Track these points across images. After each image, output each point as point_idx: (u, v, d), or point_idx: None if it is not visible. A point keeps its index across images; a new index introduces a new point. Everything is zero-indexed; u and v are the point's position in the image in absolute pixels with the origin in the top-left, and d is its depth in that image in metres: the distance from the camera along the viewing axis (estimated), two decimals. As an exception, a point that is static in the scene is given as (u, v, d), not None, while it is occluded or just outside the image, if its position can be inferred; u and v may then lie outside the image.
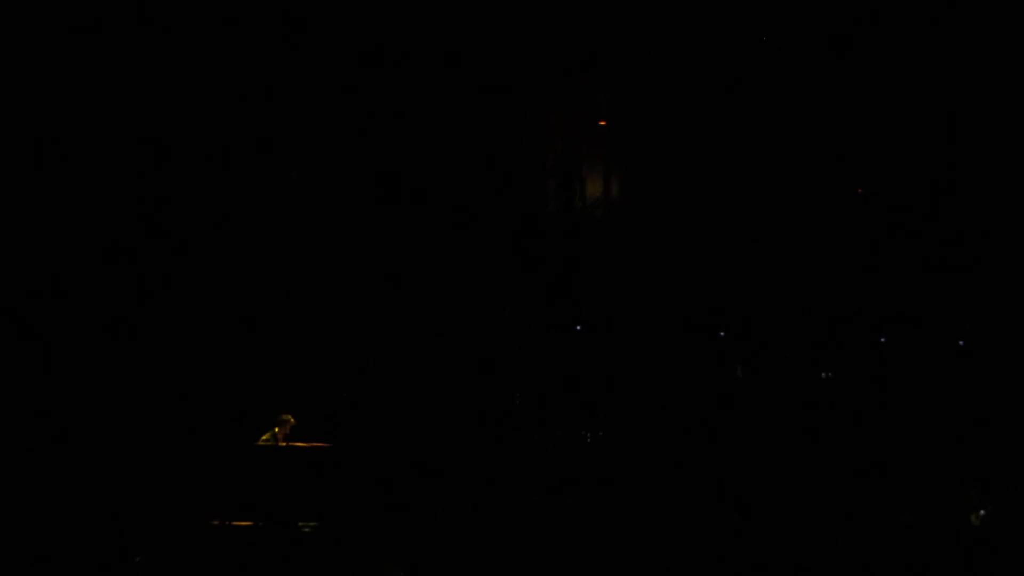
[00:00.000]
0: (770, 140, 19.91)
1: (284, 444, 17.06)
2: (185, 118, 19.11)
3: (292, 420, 17.41)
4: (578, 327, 19.73)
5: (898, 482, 17.82)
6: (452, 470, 18.30)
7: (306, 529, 16.26)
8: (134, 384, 18.55)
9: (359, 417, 18.91)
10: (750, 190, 19.85)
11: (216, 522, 16.14)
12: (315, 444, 17.05)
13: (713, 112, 19.94)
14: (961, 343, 19.50)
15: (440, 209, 19.77)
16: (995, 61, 19.91)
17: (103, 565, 15.28)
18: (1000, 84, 19.99)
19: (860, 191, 19.77)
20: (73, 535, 15.79)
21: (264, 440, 17.33)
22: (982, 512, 16.67)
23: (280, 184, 19.58)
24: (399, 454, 18.40)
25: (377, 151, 19.78)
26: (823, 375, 19.43)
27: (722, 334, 19.45)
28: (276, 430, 17.34)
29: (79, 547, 15.53)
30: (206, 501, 16.46)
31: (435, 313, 19.60)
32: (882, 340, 19.38)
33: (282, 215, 19.62)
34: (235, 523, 16.14)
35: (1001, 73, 19.93)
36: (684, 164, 20.01)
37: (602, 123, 20.39)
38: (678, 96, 20.03)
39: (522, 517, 17.13)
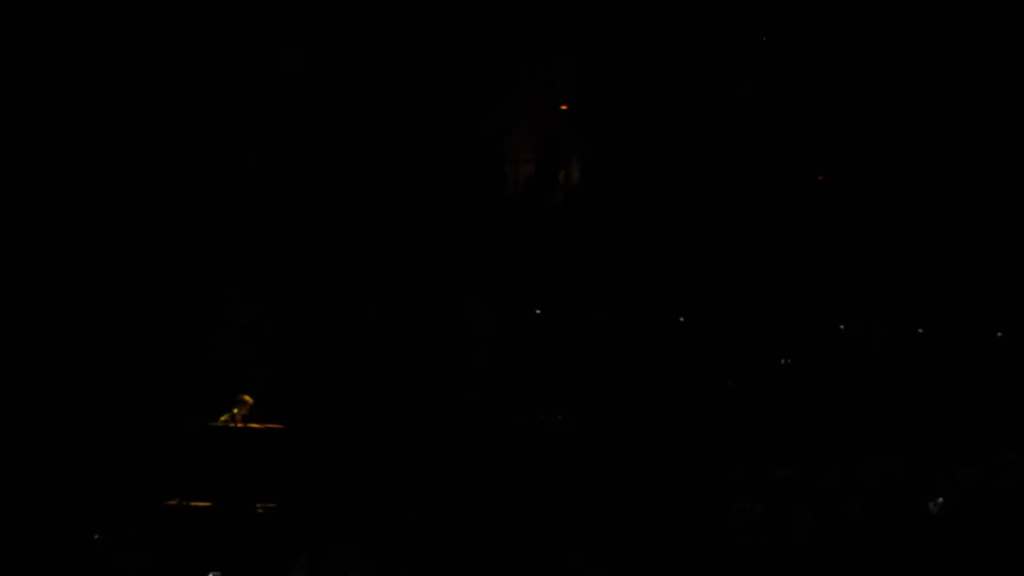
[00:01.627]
0: (737, 125, 20.10)
1: (241, 425, 17.01)
2: (154, 105, 19.24)
3: (250, 401, 17.33)
4: (537, 311, 19.84)
5: (856, 470, 18.03)
6: (411, 455, 18.48)
7: (261, 510, 16.28)
8: (90, 364, 18.55)
9: (317, 399, 19.01)
10: (715, 176, 19.99)
11: (173, 502, 16.19)
12: (271, 425, 17.02)
13: (678, 97, 20.08)
14: (921, 331, 19.64)
15: (403, 195, 19.84)
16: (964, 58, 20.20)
17: (63, 544, 15.40)
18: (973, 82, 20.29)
19: (821, 178, 19.86)
20: (31, 516, 15.93)
21: (222, 421, 17.22)
22: (940, 500, 16.87)
23: (241, 165, 19.59)
24: (356, 437, 18.62)
25: (341, 138, 19.87)
26: (782, 361, 19.57)
27: (681, 319, 19.59)
28: (235, 411, 17.28)
29: (37, 527, 15.65)
30: (164, 481, 16.51)
31: (398, 297, 19.69)
32: (841, 327, 19.51)
33: (243, 197, 19.67)
34: (192, 503, 16.17)
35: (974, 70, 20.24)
36: (647, 150, 20.11)
37: (564, 107, 20.51)
38: (642, 81, 20.16)
39: (481, 502, 17.36)
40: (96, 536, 15.55)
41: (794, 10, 20.15)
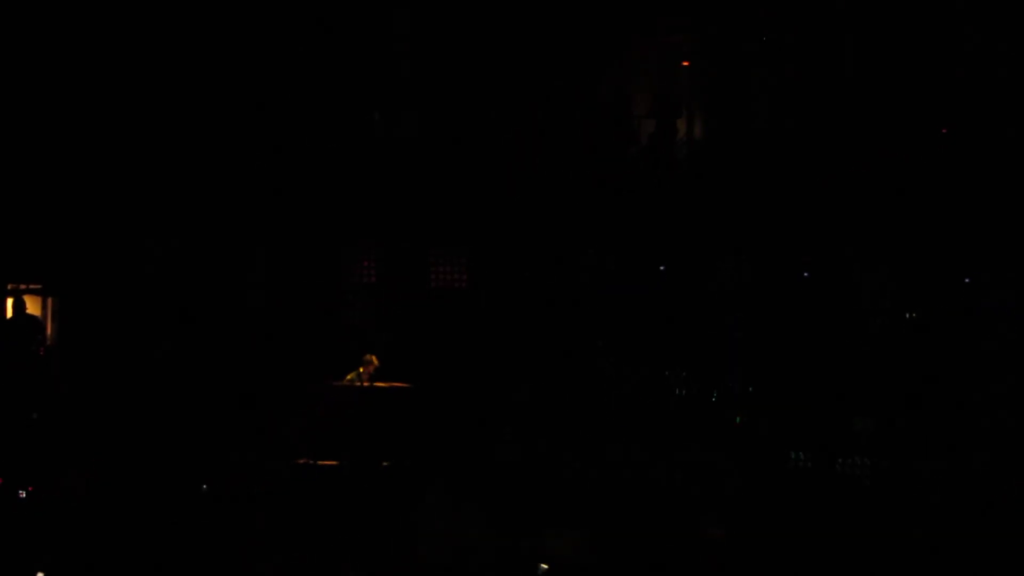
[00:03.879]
0: (860, 77, 19.39)
1: (367, 384, 17.63)
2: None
3: (376, 361, 17.95)
4: (661, 267, 19.87)
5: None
6: (533, 412, 18.67)
7: (386, 467, 16.93)
8: (222, 325, 19.38)
9: (441, 358, 19.43)
10: (837, 131, 19.39)
11: (303, 460, 16.92)
12: (396, 384, 17.64)
13: (798, 53, 19.66)
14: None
15: (522, 153, 20.08)
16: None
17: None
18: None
19: (944, 131, 19.47)
20: (160, 472, 16.58)
21: (348, 379, 17.93)
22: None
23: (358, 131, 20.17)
24: (480, 395, 18.95)
25: (459, 94, 20.23)
26: (907, 315, 19.40)
27: (806, 274, 19.34)
28: (360, 370, 17.97)
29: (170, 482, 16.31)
30: (293, 440, 17.20)
31: (516, 254, 20.00)
32: (966, 280, 19.13)
33: (364, 164, 20.15)
34: (321, 462, 16.86)
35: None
36: (768, 106, 19.80)
37: (685, 63, 20.43)
38: (762, 36, 19.85)
39: (602, 461, 17.42)
40: (204, 486, 16.20)
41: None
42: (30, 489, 15.65)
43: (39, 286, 19.79)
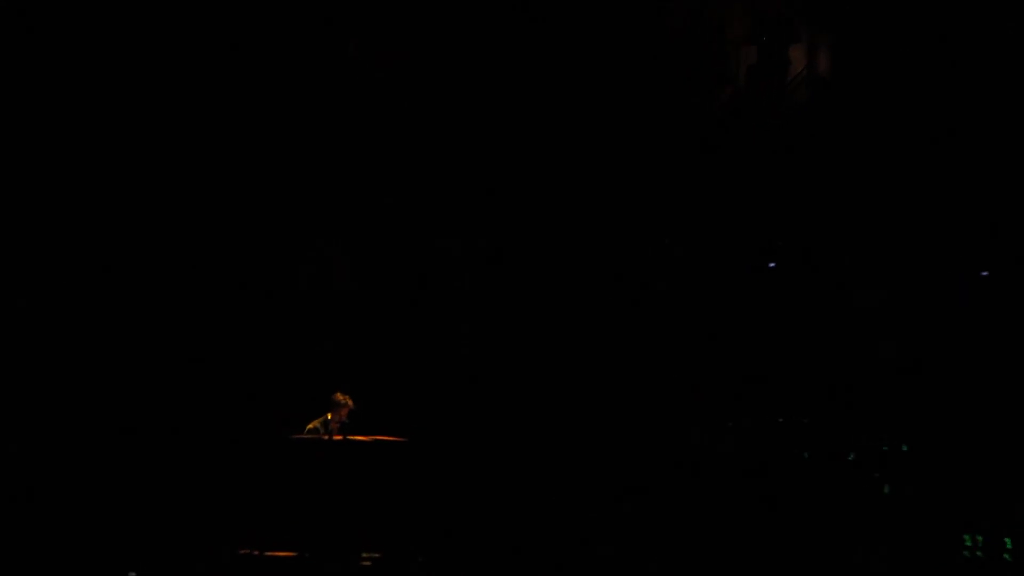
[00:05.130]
0: None
1: (339, 437, 14.86)
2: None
3: (351, 403, 15.19)
4: (771, 264, 16.45)
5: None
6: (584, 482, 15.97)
7: (368, 562, 14.39)
8: (137, 353, 16.44)
9: (447, 399, 16.60)
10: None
11: (245, 551, 14.44)
12: (381, 437, 14.75)
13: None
14: None
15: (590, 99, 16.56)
16: None
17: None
18: None
19: None
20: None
21: (311, 429, 15.31)
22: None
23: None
24: (504, 454, 16.31)
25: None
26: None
27: (984, 273, 15.94)
28: (328, 416, 15.29)
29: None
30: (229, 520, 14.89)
31: (556, 246, 16.62)
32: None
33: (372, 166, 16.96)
34: (270, 553, 14.38)
35: None
36: (910, 28, 16.24)
37: None
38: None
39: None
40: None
41: None
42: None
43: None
